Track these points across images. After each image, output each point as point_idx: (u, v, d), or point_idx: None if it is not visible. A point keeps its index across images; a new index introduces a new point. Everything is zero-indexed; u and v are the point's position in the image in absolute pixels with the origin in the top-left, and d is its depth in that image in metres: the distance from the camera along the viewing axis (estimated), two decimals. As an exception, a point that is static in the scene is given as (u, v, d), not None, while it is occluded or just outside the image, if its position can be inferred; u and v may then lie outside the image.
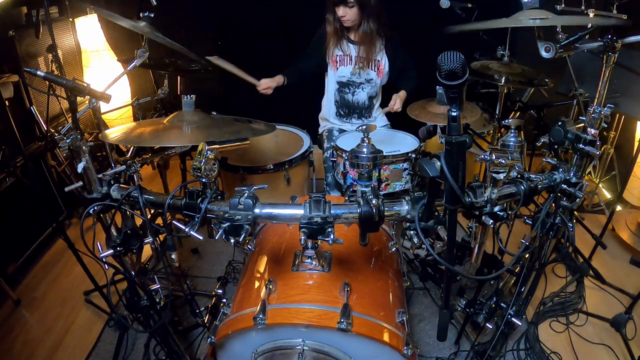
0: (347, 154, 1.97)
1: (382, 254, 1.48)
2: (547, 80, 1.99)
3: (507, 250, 1.31)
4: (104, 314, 2.04)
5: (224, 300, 1.39)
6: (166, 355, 1.53)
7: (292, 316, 1.12)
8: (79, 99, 1.20)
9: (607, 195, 2.81)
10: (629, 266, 2.24)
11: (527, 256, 1.42)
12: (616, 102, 1.83)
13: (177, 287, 1.97)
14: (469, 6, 2.06)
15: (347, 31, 2.25)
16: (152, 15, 1.47)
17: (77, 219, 2.75)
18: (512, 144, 1.12)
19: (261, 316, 1.08)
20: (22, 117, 2.36)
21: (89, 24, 2.95)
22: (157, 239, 1.22)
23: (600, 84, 1.16)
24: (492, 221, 1.05)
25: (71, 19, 2.77)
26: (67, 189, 1.19)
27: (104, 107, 1.59)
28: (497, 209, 1.05)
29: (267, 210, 1.05)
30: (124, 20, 1.37)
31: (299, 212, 1.04)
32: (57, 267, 2.41)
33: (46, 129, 2.47)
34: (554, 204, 1.22)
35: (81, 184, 1.16)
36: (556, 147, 1.20)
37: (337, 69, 2.31)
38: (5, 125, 2.17)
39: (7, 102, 2.18)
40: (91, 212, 1.16)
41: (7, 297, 2.13)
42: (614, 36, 1.11)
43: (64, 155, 2.60)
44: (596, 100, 1.16)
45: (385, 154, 1.30)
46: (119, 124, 2.17)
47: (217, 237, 1.05)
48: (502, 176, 1.08)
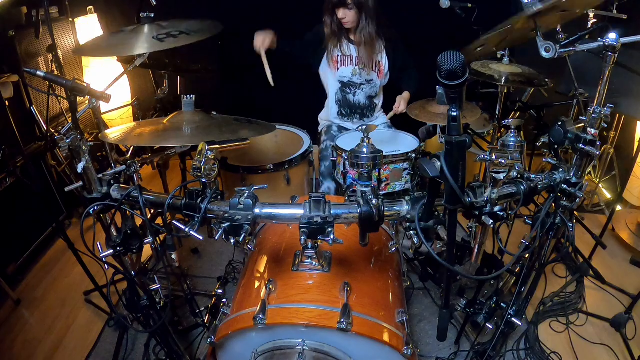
0: (347, 154, 1.98)
1: (382, 254, 1.48)
2: (547, 80, 1.99)
3: (507, 250, 1.31)
4: (104, 314, 2.04)
5: (224, 300, 1.38)
6: (166, 355, 1.52)
7: (292, 316, 1.12)
8: (79, 99, 1.20)
9: (607, 195, 2.81)
10: (629, 266, 2.24)
11: (527, 256, 1.42)
12: (616, 102, 1.83)
13: (177, 287, 1.97)
14: (469, 6, 2.06)
15: (347, 32, 2.25)
16: (152, 15, 1.47)
17: (77, 219, 2.75)
18: (512, 144, 1.12)
19: (261, 316, 1.08)
20: (22, 117, 2.36)
21: (89, 24, 2.96)
22: (157, 239, 1.22)
23: (600, 84, 1.16)
24: (492, 221, 1.05)
25: (71, 19, 2.77)
26: (67, 189, 1.19)
27: (104, 107, 1.60)
28: (497, 209, 1.05)
29: (267, 210, 1.05)
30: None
31: (299, 212, 1.04)
32: (57, 267, 2.41)
33: (46, 129, 2.47)
34: (554, 204, 1.22)
35: (81, 184, 1.17)
36: (556, 147, 1.20)
37: (338, 69, 2.31)
38: (5, 125, 2.17)
39: (7, 102, 2.18)
40: (91, 212, 1.16)
41: (7, 297, 2.13)
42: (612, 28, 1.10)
43: (64, 155, 2.60)
44: (596, 100, 1.16)
45: (385, 154, 1.30)
46: (119, 124, 2.18)
47: (217, 237, 1.05)
48: (502, 176, 1.08)
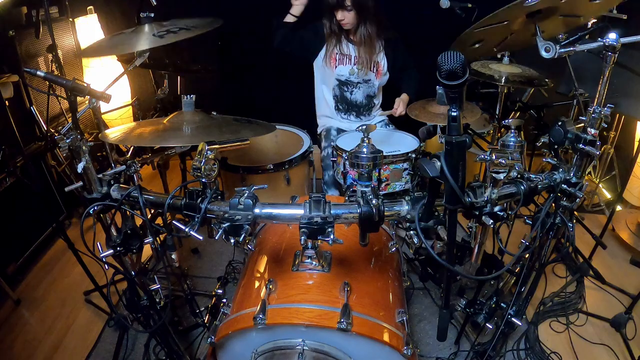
0: (347, 154, 1.98)
1: (382, 254, 1.48)
2: (547, 80, 1.99)
3: (507, 250, 1.31)
4: (104, 314, 2.04)
5: (224, 300, 1.38)
6: (166, 355, 1.52)
7: (292, 316, 1.12)
8: (79, 99, 1.20)
9: (607, 195, 2.81)
10: (629, 266, 2.24)
11: (527, 256, 1.42)
12: (616, 102, 1.83)
13: (177, 287, 1.97)
14: (469, 6, 2.06)
15: (346, 32, 2.25)
16: (152, 15, 1.47)
17: (77, 219, 2.75)
18: (512, 144, 1.12)
19: (261, 316, 1.08)
20: (22, 117, 2.36)
21: (89, 24, 2.96)
22: (157, 239, 1.22)
23: (600, 84, 1.16)
24: (492, 221, 1.05)
25: (71, 19, 2.77)
26: (67, 189, 1.19)
27: (104, 107, 1.60)
28: (497, 209, 1.05)
29: (267, 210, 1.05)
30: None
31: (299, 212, 1.04)
32: (57, 267, 2.41)
33: (46, 129, 2.47)
34: (554, 204, 1.22)
35: (81, 184, 1.16)
36: (556, 147, 1.20)
37: (336, 67, 2.31)
38: (5, 125, 2.17)
39: (7, 102, 2.18)
40: (91, 212, 1.16)
41: (7, 297, 2.13)
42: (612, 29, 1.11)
43: (64, 155, 2.60)
44: (596, 100, 1.16)
45: (385, 154, 1.30)
46: (119, 124, 2.18)
47: (217, 237, 1.05)
48: (502, 176, 1.08)
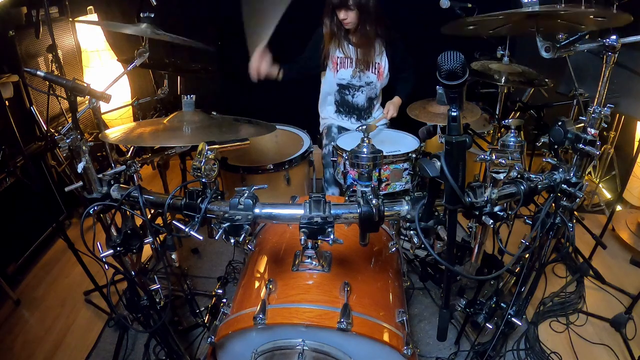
0: (347, 154, 1.98)
1: (382, 254, 1.48)
2: (547, 80, 1.99)
3: (507, 250, 1.31)
4: (104, 314, 2.04)
5: (224, 300, 1.38)
6: (166, 355, 1.53)
7: (292, 316, 1.12)
8: (79, 99, 1.20)
9: (607, 195, 2.81)
10: (629, 266, 2.24)
11: (527, 256, 1.42)
12: (616, 102, 1.83)
13: (177, 287, 1.97)
14: (469, 6, 2.06)
15: (346, 33, 2.25)
16: (152, 15, 1.48)
17: (77, 219, 2.75)
18: (512, 144, 1.12)
19: (261, 316, 1.08)
20: (22, 117, 2.36)
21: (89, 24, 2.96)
22: (157, 239, 1.22)
23: (600, 84, 1.16)
24: (492, 221, 1.05)
25: (71, 19, 2.77)
26: (67, 189, 1.19)
27: (104, 107, 1.60)
28: (497, 209, 1.05)
29: (267, 210, 1.05)
30: (126, 27, 1.37)
31: (299, 212, 1.04)
32: (57, 267, 2.41)
33: (46, 129, 2.47)
34: (554, 204, 1.22)
35: (81, 184, 1.17)
36: (556, 147, 1.20)
37: (338, 71, 2.31)
38: (5, 125, 2.17)
39: (7, 102, 2.18)
40: (91, 212, 1.16)
41: (7, 297, 2.13)
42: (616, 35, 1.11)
43: (64, 155, 2.60)
44: (596, 100, 1.16)
45: (385, 154, 1.30)
46: (119, 124, 2.17)
47: (217, 237, 1.05)
48: (502, 176, 1.08)
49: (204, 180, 1.07)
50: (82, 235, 1.17)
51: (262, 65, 1.98)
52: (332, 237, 1.03)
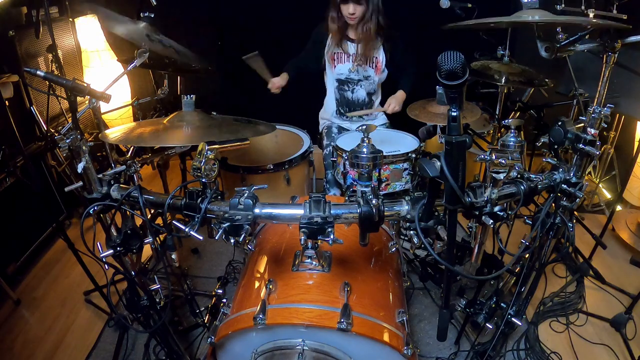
0: (347, 154, 1.98)
1: (382, 254, 1.48)
2: (547, 80, 1.99)
3: (507, 250, 1.31)
4: (104, 314, 2.04)
5: (224, 300, 1.38)
6: (166, 355, 1.53)
7: (292, 316, 1.12)
8: (79, 99, 1.20)
9: (607, 195, 2.81)
10: (629, 266, 2.24)
11: (527, 256, 1.42)
12: (616, 102, 1.83)
13: (177, 287, 1.97)
14: (469, 6, 2.06)
15: (347, 28, 2.26)
16: (152, 15, 1.47)
17: (77, 219, 2.75)
18: (512, 144, 1.12)
19: (261, 316, 1.08)
20: (22, 117, 2.36)
21: (89, 24, 2.96)
22: (157, 239, 1.22)
23: (600, 84, 1.16)
24: (492, 221, 1.05)
25: (71, 19, 2.77)
26: (67, 189, 1.19)
27: (104, 107, 1.60)
28: (497, 209, 1.05)
29: (267, 210, 1.05)
30: (124, 26, 1.37)
31: (299, 212, 1.04)
32: (57, 267, 2.41)
33: (46, 129, 2.47)
34: (554, 204, 1.22)
35: (81, 184, 1.17)
36: (556, 147, 1.20)
37: (335, 66, 2.31)
38: (5, 125, 2.17)
39: (7, 102, 2.18)
40: (91, 212, 1.16)
41: (7, 297, 2.13)
42: (615, 36, 1.11)
43: (64, 155, 2.60)
44: (596, 100, 1.16)
45: (385, 154, 1.30)
46: (119, 124, 2.17)
47: (217, 237, 1.05)
48: (502, 176, 1.08)
49: (204, 180, 1.07)
50: (82, 235, 1.17)
51: (282, 82, 2.25)
52: (332, 237, 1.03)
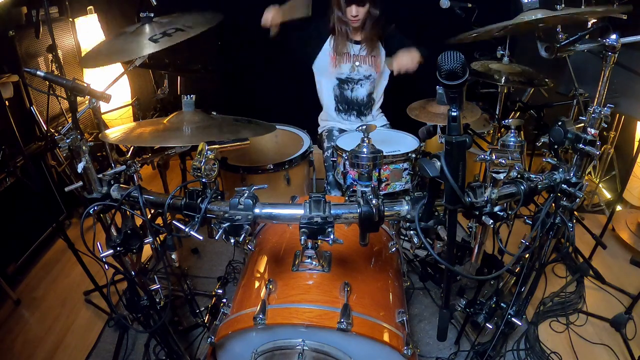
0: (347, 154, 1.98)
1: (382, 254, 1.48)
2: (547, 80, 1.99)
3: (507, 250, 1.31)
4: (104, 314, 2.04)
5: (224, 300, 1.38)
6: (166, 355, 1.53)
7: (292, 316, 1.12)
8: (79, 99, 1.21)
9: (607, 195, 2.81)
10: (629, 266, 2.24)
11: (527, 256, 1.42)
12: (616, 102, 1.83)
13: (177, 287, 1.97)
14: (469, 6, 2.06)
15: (349, 30, 2.26)
16: (152, 15, 1.47)
17: (77, 219, 2.75)
18: (512, 144, 1.12)
19: (261, 316, 1.08)
20: (22, 117, 2.36)
21: (89, 24, 2.96)
22: (157, 239, 1.22)
23: (600, 84, 1.16)
24: (492, 221, 1.05)
25: (71, 19, 2.77)
26: (67, 189, 1.19)
27: (104, 107, 1.60)
28: (497, 209, 1.05)
29: (267, 210, 1.05)
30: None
31: (299, 212, 1.04)
32: (57, 267, 2.41)
33: (46, 129, 2.47)
34: (554, 204, 1.22)
35: (81, 184, 1.17)
36: (556, 147, 1.20)
37: (336, 65, 2.31)
38: (5, 125, 2.17)
39: (7, 102, 2.18)
40: (91, 212, 1.16)
41: (7, 297, 2.13)
42: (615, 30, 1.10)
43: (64, 155, 2.60)
44: (596, 100, 1.16)
45: (385, 154, 1.30)
46: (119, 124, 2.18)
47: (217, 237, 1.05)
48: (502, 176, 1.08)
49: (204, 180, 1.07)
50: (82, 235, 1.17)
51: (276, 18, 2.00)
52: (332, 237, 1.03)
